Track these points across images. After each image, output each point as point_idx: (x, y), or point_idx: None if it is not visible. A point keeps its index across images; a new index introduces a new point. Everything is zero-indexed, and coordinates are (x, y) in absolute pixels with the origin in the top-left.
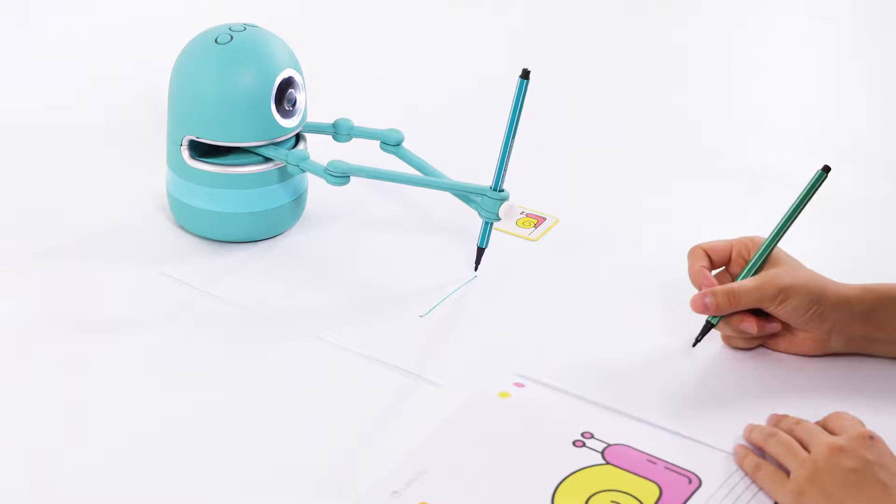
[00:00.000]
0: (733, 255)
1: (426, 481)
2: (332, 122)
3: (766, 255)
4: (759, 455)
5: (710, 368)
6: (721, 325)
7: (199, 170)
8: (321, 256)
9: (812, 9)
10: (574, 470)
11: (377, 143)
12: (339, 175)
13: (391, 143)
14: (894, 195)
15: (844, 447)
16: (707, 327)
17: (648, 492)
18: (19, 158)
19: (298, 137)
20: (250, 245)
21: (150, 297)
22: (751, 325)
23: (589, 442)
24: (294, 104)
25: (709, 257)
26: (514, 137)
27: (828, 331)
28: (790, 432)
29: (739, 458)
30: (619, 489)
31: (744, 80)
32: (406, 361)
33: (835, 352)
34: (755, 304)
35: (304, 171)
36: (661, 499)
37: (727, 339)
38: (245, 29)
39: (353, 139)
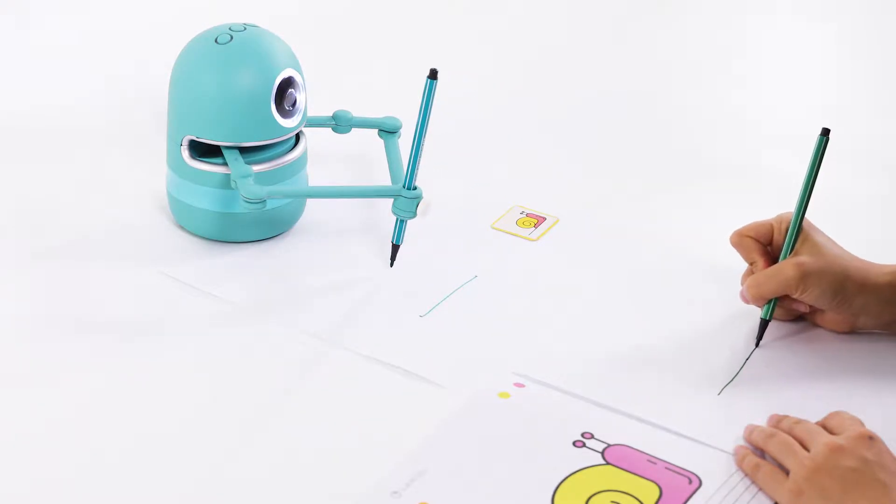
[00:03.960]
0: (775, 236)
1: (426, 481)
2: (331, 114)
3: (796, 234)
4: (758, 455)
5: (711, 369)
6: (778, 311)
7: (199, 170)
8: (321, 256)
9: (812, 9)
10: (574, 470)
11: (375, 131)
12: (256, 201)
13: (388, 131)
14: (894, 195)
15: (844, 446)
16: (763, 325)
17: (648, 492)
18: (19, 158)
19: (298, 136)
20: (250, 245)
21: (150, 297)
22: (802, 304)
23: (589, 442)
24: (294, 104)
25: (757, 241)
26: (424, 136)
27: (855, 314)
28: (790, 432)
29: (739, 458)
30: (619, 489)
31: (744, 80)
32: (406, 361)
33: (865, 329)
34: (779, 293)
35: (233, 188)
36: (661, 499)
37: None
38: (245, 29)
39: (353, 129)
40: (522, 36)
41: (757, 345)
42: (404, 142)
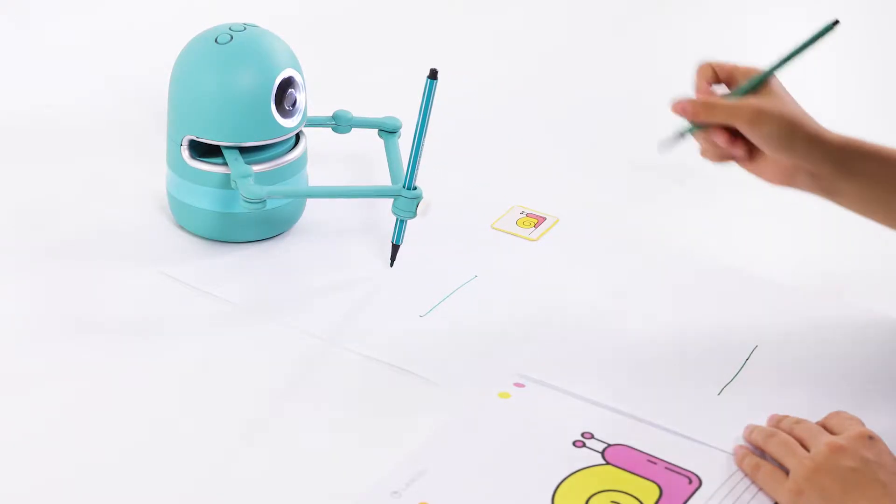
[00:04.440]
0: (737, 76)
1: (426, 481)
2: (331, 114)
3: (761, 80)
4: (758, 455)
5: (711, 369)
6: (699, 134)
7: (199, 170)
8: (321, 256)
9: (812, 9)
10: (574, 470)
11: (375, 131)
12: (256, 201)
13: (388, 131)
14: None
15: (844, 446)
16: (678, 135)
17: (648, 492)
18: (19, 158)
19: (298, 136)
20: (250, 245)
21: (150, 297)
22: (721, 138)
23: (589, 442)
24: (294, 104)
25: (715, 73)
26: (424, 136)
27: (795, 164)
28: (790, 432)
29: (739, 458)
30: (619, 489)
31: None
32: (406, 361)
33: (799, 188)
34: (728, 121)
35: (233, 188)
36: (661, 499)
37: (703, 152)
38: (245, 29)
39: (353, 129)
40: (522, 36)
41: (660, 149)
42: (404, 142)
